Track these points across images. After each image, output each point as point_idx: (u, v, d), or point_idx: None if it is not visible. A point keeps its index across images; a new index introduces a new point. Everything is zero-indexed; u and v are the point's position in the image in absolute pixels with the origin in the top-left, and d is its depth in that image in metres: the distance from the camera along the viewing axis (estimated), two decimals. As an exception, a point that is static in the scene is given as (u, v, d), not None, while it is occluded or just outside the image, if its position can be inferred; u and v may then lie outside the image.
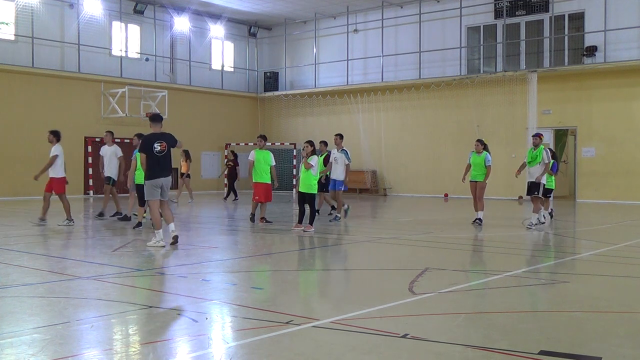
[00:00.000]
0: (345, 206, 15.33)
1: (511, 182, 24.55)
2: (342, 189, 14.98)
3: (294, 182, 28.37)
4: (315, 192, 13.02)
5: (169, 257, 9.88)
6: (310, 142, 12.97)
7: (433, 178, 26.31)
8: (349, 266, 9.47)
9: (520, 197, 24.00)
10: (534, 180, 13.69)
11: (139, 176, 12.56)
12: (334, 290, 7.63)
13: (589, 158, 23.16)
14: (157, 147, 10.29)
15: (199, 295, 6.78)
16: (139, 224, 13.06)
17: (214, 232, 13.66)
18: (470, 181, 14.60)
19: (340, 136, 15.33)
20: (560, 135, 24.89)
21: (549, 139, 24.02)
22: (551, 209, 15.72)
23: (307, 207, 13.04)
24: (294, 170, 28.61)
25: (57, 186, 13.63)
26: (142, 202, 12.76)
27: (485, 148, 14.51)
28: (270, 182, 13.98)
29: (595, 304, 6.61)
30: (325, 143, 16.03)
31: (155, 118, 10.71)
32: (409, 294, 6.75)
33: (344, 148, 15.19)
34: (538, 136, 13.95)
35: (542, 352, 4.65)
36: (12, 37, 23.47)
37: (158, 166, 10.30)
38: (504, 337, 5.15)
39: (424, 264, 8.78)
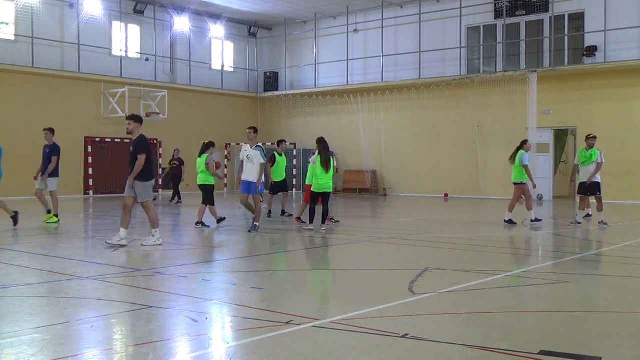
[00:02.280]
0: (264, 215, 13.40)
1: (511, 182, 24.58)
2: (260, 191, 12.73)
3: (294, 182, 28.41)
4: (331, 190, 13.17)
5: (169, 257, 9.88)
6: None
7: (433, 178, 26.30)
8: (349, 266, 9.46)
9: (520, 197, 23.97)
10: (586, 180, 14.15)
11: (204, 178, 13.64)
12: (334, 290, 7.63)
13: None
14: None
15: (199, 295, 6.78)
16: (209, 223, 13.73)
17: (214, 232, 13.66)
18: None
19: (255, 130, 13.03)
20: (560, 135, 24.89)
21: (549, 139, 24.04)
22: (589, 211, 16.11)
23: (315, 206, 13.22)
24: (294, 170, 28.62)
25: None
26: (206, 201, 13.69)
27: (521, 147, 14.72)
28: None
29: (595, 304, 6.61)
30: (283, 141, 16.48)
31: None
32: (409, 294, 6.75)
33: (259, 144, 12.97)
34: (594, 138, 14.33)
35: (542, 352, 4.65)
36: (12, 37, 23.48)
37: (151, 167, 10.51)
38: (504, 337, 5.15)
39: (424, 264, 8.77)
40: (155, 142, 25.88)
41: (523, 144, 14.82)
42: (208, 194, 13.67)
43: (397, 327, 5.31)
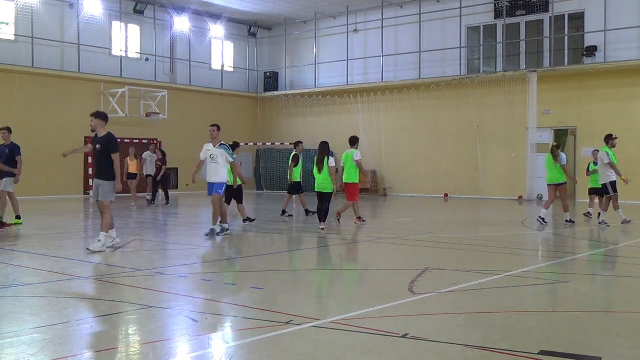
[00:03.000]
0: (226, 226, 12.14)
1: (511, 182, 24.61)
2: (220, 193, 11.96)
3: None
4: (331, 190, 13.13)
5: (169, 257, 9.88)
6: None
7: (433, 178, 26.30)
8: (350, 266, 9.47)
9: (520, 197, 24.01)
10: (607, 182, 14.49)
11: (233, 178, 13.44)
12: (334, 290, 7.63)
13: (588, 158, 23.12)
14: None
15: (199, 295, 6.78)
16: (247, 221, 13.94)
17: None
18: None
19: (218, 127, 12.06)
20: (560, 135, 24.88)
21: (548, 139, 24.03)
22: (589, 211, 16.41)
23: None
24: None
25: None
26: (238, 199, 13.72)
27: (557, 148, 14.94)
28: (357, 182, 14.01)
29: (595, 304, 6.61)
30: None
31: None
32: (409, 294, 6.75)
33: (223, 143, 12.13)
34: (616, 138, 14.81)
35: (542, 352, 4.65)
36: (12, 37, 23.47)
37: (119, 166, 9.97)
38: (504, 337, 5.15)
39: (424, 264, 8.77)
40: (155, 142, 25.87)
41: (559, 147, 15.19)
42: (238, 193, 13.79)
43: (397, 327, 5.31)
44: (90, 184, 24.82)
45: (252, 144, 30.50)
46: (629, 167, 22.14)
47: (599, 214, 14.54)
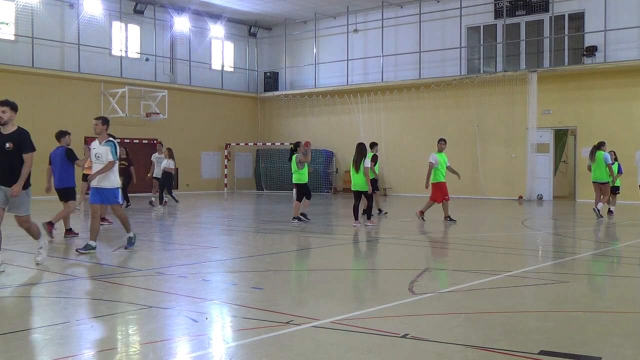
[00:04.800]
0: (93, 243, 9.75)
1: (511, 182, 24.60)
2: (118, 201, 10.07)
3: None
4: (366, 189, 13.96)
5: (169, 257, 9.88)
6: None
7: (433, 178, 26.27)
8: (350, 266, 9.47)
9: (520, 197, 24.01)
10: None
11: (297, 177, 14.36)
12: (334, 290, 7.63)
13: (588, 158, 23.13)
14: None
15: (199, 295, 6.77)
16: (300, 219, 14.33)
17: (214, 232, 13.67)
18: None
19: (103, 120, 9.80)
20: (560, 135, 24.88)
21: (549, 139, 24.04)
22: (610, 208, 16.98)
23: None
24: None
25: None
26: (300, 198, 14.48)
27: (599, 147, 15.93)
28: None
29: (595, 304, 6.60)
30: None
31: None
32: (409, 294, 6.75)
33: (111, 139, 9.91)
34: None
35: (542, 352, 4.65)
36: (12, 37, 23.47)
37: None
38: (504, 337, 5.15)
39: (424, 264, 8.77)
40: (155, 142, 25.86)
41: (601, 145, 16.04)
42: (304, 191, 14.55)
43: (397, 327, 5.31)
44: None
45: (252, 144, 30.52)
46: (629, 167, 22.14)
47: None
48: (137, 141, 26.09)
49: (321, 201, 23.02)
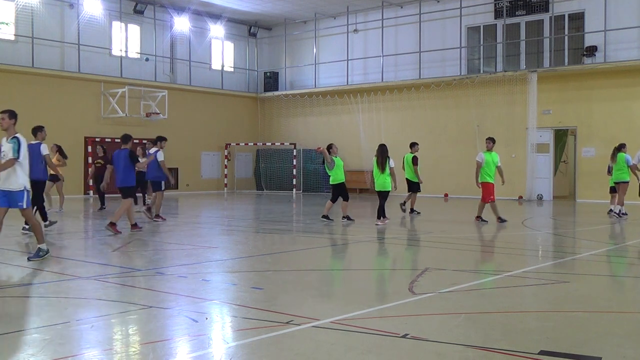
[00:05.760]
0: (44, 246, 9.02)
1: (511, 182, 24.58)
2: (23, 206, 8.94)
3: (294, 182, 28.41)
4: (389, 189, 14.27)
5: (169, 257, 9.88)
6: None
7: (433, 178, 26.24)
8: (349, 266, 9.47)
9: (520, 197, 24.00)
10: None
11: (334, 178, 14.38)
12: (334, 290, 7.63)
13: (588, 158, 23.14)
14: None
15: (199, 295, 6.77)
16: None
17: (214, 232, 13.67)
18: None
19: (10, 114, 8.76)
20: (560, 135, 24.88)
21: (549, 139, 24.03)
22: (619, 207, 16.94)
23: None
24: (294, 170, 28.62)
25: None
26: (334, 199, 14.61)
27: (620, 149, 16.00)
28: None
29: (595, 304, 6.60)
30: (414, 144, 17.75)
31: None
32: (409, 294, 6.75)
33: (17, 135, 8.72)
34: None
35: (542, 352, 4.65)
36: (12, 37, 23.47)
37: None
38: (504, 337, 5.15)
39: (424, 264, 8.77)
40: (146, 142, 25.77)
41: (622, 147, 16.03)
42: (341, 192, 14.68)
43: (397, 327, 5.31)
44: (91, 183, 24.86)
45: (252, 144, 30.52)
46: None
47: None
48: (137, 141, 26.07)
49: (321, 201, 23.00)
